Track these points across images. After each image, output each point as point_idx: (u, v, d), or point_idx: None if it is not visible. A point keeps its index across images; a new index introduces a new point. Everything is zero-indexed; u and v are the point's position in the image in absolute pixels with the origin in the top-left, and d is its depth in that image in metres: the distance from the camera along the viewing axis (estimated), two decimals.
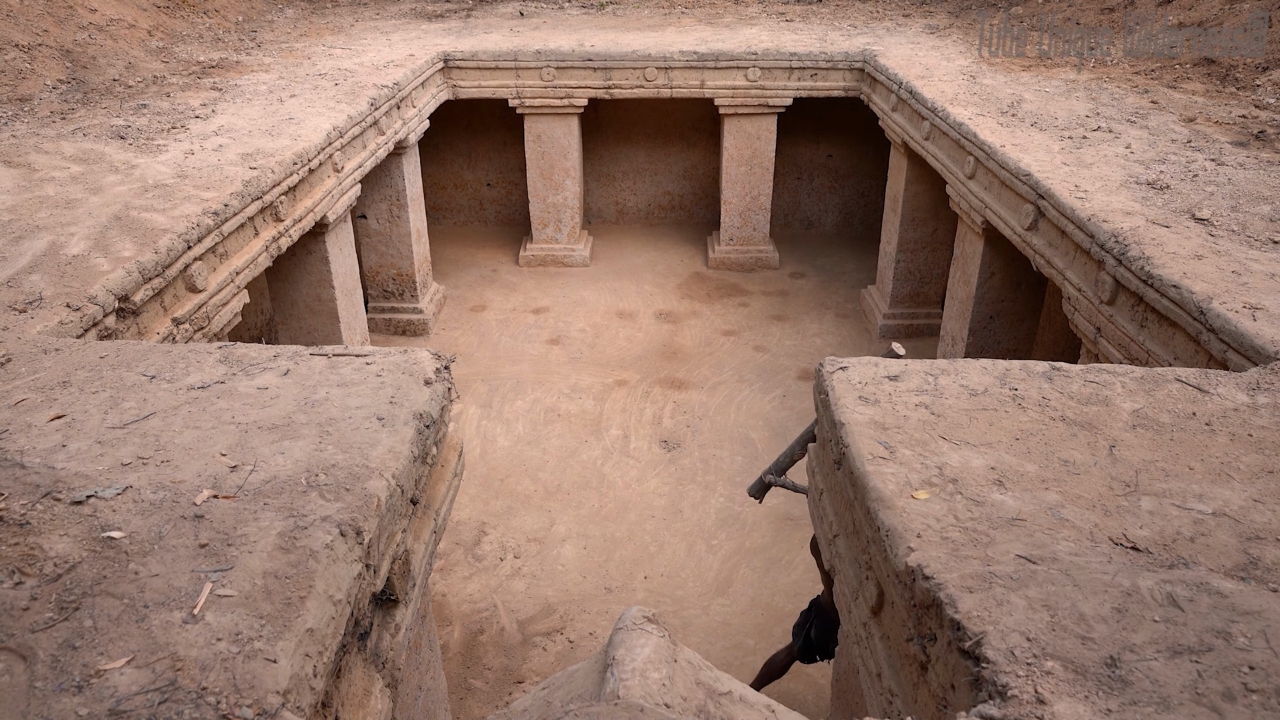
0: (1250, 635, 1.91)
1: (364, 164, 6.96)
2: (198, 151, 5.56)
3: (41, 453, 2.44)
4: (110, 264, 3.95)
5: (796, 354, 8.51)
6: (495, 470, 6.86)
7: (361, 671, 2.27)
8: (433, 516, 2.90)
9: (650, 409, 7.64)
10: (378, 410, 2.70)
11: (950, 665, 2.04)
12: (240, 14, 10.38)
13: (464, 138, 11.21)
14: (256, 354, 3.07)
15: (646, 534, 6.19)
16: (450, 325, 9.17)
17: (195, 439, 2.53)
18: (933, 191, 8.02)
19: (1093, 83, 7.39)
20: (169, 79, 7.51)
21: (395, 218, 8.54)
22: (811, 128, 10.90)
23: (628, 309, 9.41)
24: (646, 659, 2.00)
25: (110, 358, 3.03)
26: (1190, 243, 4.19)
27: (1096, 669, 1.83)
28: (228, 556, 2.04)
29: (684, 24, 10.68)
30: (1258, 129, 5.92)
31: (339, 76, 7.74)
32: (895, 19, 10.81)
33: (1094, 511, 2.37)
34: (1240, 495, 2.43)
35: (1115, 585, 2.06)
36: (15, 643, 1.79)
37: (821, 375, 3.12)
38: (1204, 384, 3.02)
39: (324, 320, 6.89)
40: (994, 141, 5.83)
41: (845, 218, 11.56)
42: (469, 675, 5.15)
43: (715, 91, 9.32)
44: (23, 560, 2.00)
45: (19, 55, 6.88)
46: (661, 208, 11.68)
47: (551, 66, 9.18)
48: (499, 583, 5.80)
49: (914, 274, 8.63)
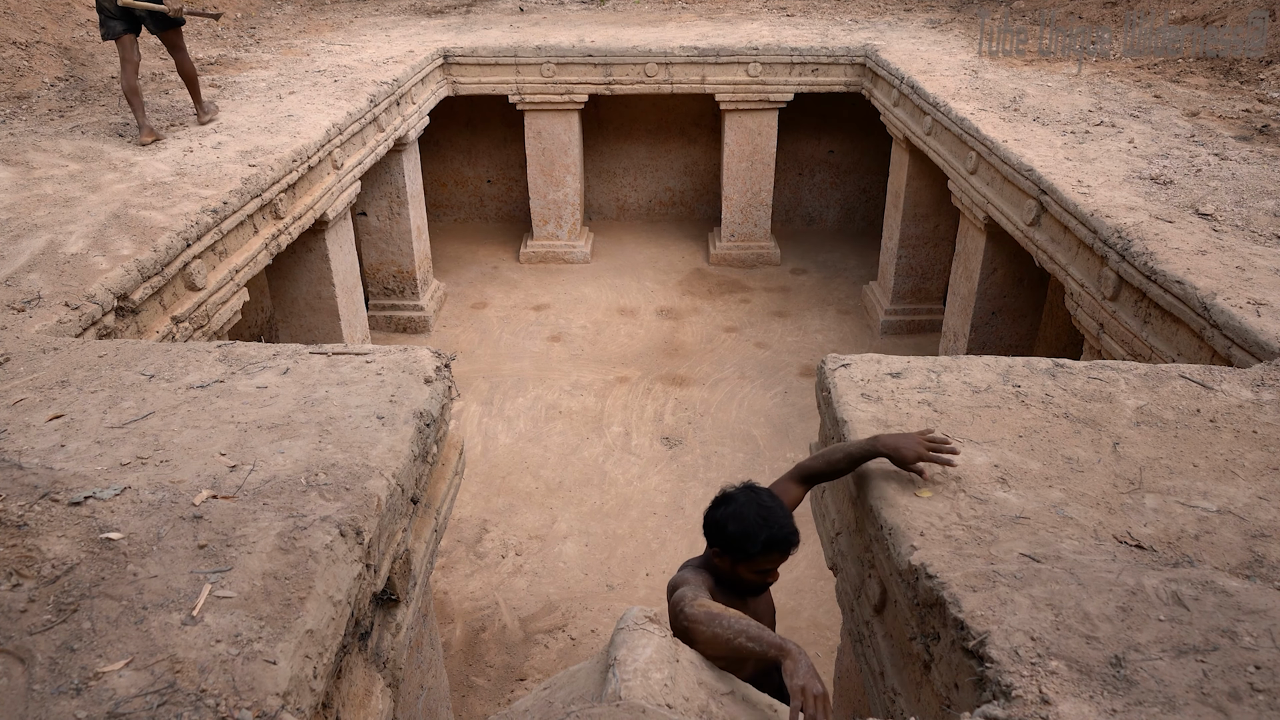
0: (1256, 634, 1.89)
1: (364, 161, 6.94)
2: (196, 149, 5.54)
3: (40, 453, 2.43)
4: (109, 262, 3.94)
5: (798, 350, 8.50)
6: (496, 467, 6.85)
7: (362, 672, 2.26)
8: (434, 515, 2.89)
9: (652, 406, 7.63)
10: (378, 409, 2.69)
11: (954, 665, 2.03)
12: (239, 10, 10.35)
13: (464, 134, 11.19)
14: (256, 353, 3.05)
15: (648, 531, 6.19)
16: (451, 322, 9.16)
17: (194, 438, 2.51)
18: (934, 187, 8.00)
19: (1095, 77, 7.36)
20: (167, 76, 7.49)
21: (395, 215, 8.52)
22: (813, 123, 10.87)
23: (629, 306, 9.39)
24: (648, 659, 1.99)
25: (109, 357, 3.01)
26: (1194, 238, 4.17)
27: (1101, 669, 1.82)
28: (227, 557, 2.03)
29: (684, 19, 10.65)
30: (1261, 123, 5.90)
31: (338, 73, 7.72)
32: (897, 14, 10.78)
33: (1098, 509, 2.36)
34: (1245, 492, 2.42)
35: (1120, 584, 2.04)
36: (13, 645, 1.78)
37: (824, 373, 3.11)
38: (1208, 380, 3.00)
39: (324, 318, 6.88)
40: (996, 137, 5.81)
41: (847, 213, 11.53)
42: (471, 673, 5.15)
43: (716, 87, 9.29)
44: (20, 562, 1.99)
45: (17, 53, 6.86)
46: (662, 204, 11.66)
47: (552, 62, 9.16)
48: (501, 580, 5.79)
49: (916, 270, 8.61)
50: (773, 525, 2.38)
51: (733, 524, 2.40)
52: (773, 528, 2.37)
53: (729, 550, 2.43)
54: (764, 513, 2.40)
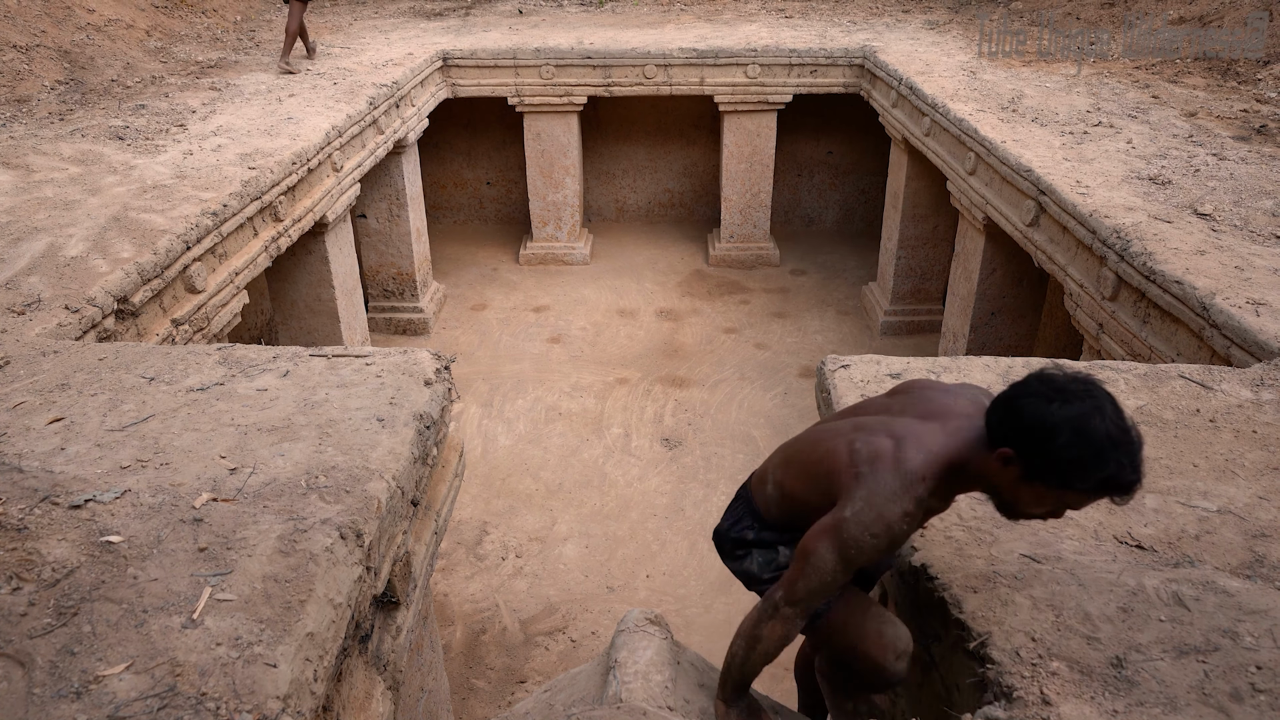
0: (1257, 634, 1.89)
1: (363, 163, 6.94)
2: (196, 152, 5.54)
3: (40, 456, 2.43)
4: (109, 265, 3.94)
5: (798, 351, 8.50)
6: (496, 469, 6.85)
7: (363, 674, 2.26)
8: (434, 517, 2.89)
9: (651, 407, 7.63)
10: (378, 411, 2.69)
11: (955, 666, 2.03)
12: (238, 13, 10.36)
13: (463, 136, 11.19)
14: (256, 355, 3.05)
15: (648, 532, 6.18)
16: (451, 324, 9.16)
17: (194, 441, 2.51)
18: (933, 188, 8.00)
19: (1093, 78, 7.37)
20: (167, 79, 7.49)
21: (395, 217, 8.52)
22: (811, 124, 10.87)
23: (628, 307, 9.39)
24: (649, 661, 1.99)
25: (109, 360, 3.01)
26: (1193, 238, 4.17)
27: (1102, 669, 1.82)
28: (227, 560, 2.03)
29: (683, 21, 10.65)
30: (1259, 123, 5.90)
31: (337, 75, 7.72)
32: (895, 15, 10.78)
33: (1098, 509, 2.36)
34: (1245, 492, 2.42)
35: (1120, 584, 2.04)
36: (13, 649, 1.78)
37: (823, 374, 3.11)
38: (1207, 380, 3.00)
39: (324, 320, 6.88)
40: (995, 137, 5.81)
41: (846, 214, 11.53)
42: (471, 675, 5.14)
43: (715, 88, 9.30)
44: (21, 565, 1.99)
45: (17, 56, 6.86)
46: (662, 205, 11.66)
47: (551, 64, 9.16)
48: (501, 582, 5.79)
49: (915, 270, 8.61)
50: (1126, 457, 1.64)
51: (1071, 438, 1.62)
52: (1124, 460, 1.63)
53: (1037, 464, 1.67)
54: (1120, 436, 1.64)
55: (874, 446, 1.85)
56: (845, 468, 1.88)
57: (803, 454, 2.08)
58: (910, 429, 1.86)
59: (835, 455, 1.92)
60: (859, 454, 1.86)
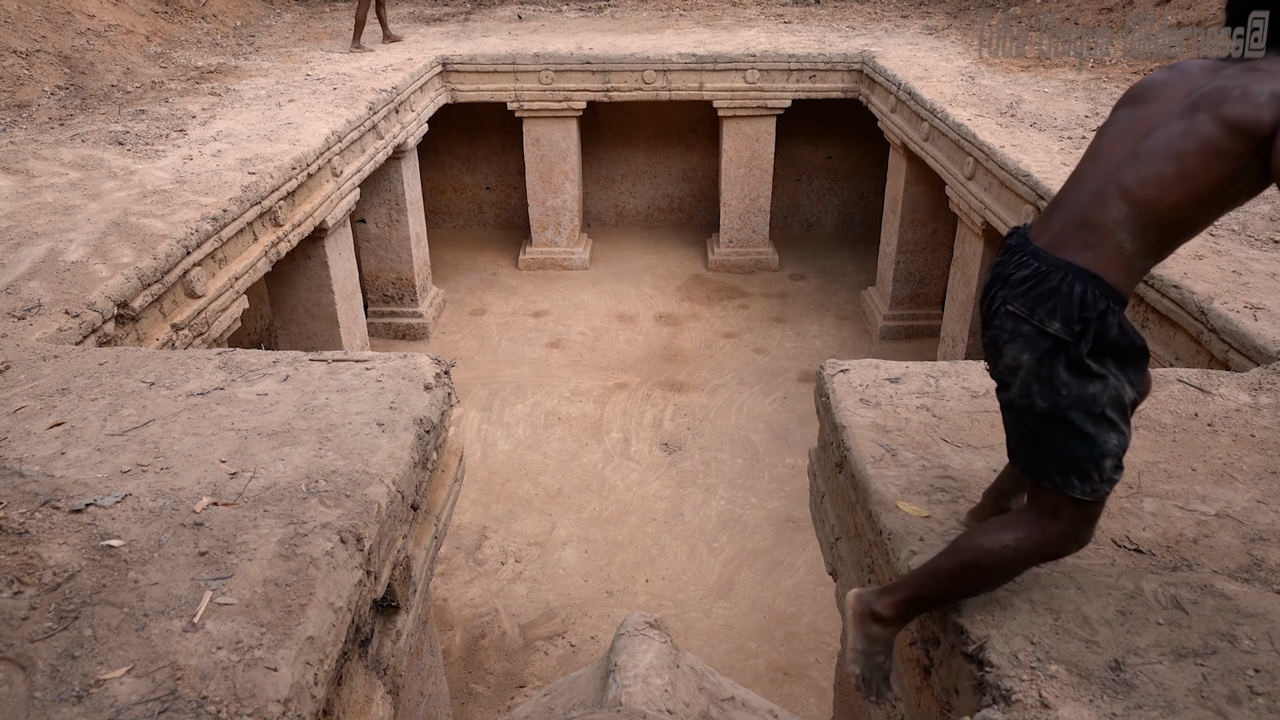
0: (1255, 638, 1.90)
1: (363, 168, 6.96)
2: (196, 157, 5.56)
3: (40, 460, 2.43)
4: (109, 270, 3.95)
5: (797, 356, 8.50)
6: (496, 474, 6.85)
7: (363, 678, 2.26)
8: (434, 522, 2.89)
9: (651, 412, 7.63)
10: (378, 416, 2.69)
11: (954, 669, 2.03)
12: (238, 19, 10.38)
13: (463, 141, 11.21)
14: (256, 360, 3.06)
15: (647, 537, 6.18)
16: (450, 329, 9.16)
17: (195, 446, 2.52)
18: (932, 193, 8.02)
19: (1092, 83, 7.39)
20: (167, 84, 7.51)
21: (394, 222, 8.53)
22: (810, 129, 10.89)
23: (628, 312, 9.40)
24: (649, 665, 1.99)
25: (109, 364, 3.02)
26: (1190, 243, 4.18)
27: (1101, 672, 1.83)
28: (228, 564, 2.03)
29: (682, 26, 10.68)
30: None
31: (337, 81, 7.74)
32: (893, 20, 10.81)
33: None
34: (1243, 496, 2.42)
35: (1119, 588, 2.05)
36: (14, 652, 1.79)
37: (822, 378, 3.11)
38: (1206, 384, 3.01)
39: (323, 325, 6.89)
40: (993, 142, 5.83)
41: (845, 219, 11.55)
42: (471, 680, 5.14)
43: (714, 94, 9.32)
44: (22, 569, 1.99)
45: (17, 61, 6.88)
46: (661, 210, 11.68)
47: (550, 70, 9.18)
48: (500, 587, 5.79)
49: (914, 275, 8.62)
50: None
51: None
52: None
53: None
54: None
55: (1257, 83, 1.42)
56: (1261, 106, 1.44)
57: (1156, 148, 1.61)
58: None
59: (1229, 98, 1.49)
60: (1254, 92, 1.44)
